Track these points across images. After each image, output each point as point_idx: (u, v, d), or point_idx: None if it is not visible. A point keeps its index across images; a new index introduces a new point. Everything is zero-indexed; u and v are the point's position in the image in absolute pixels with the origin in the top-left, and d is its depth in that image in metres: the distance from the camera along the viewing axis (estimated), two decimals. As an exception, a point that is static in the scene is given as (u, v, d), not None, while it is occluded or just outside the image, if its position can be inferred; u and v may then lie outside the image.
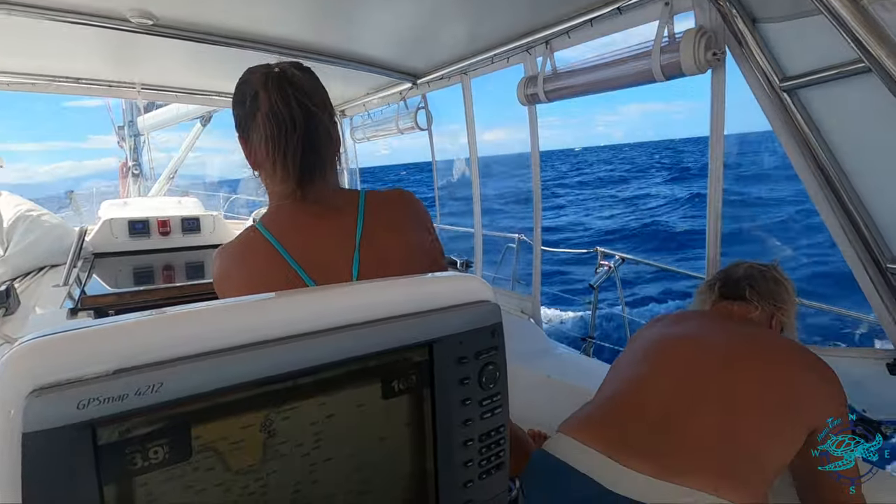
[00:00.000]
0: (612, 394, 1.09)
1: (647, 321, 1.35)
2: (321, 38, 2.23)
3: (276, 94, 0.83)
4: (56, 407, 0.32)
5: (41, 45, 2.27)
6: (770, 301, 1.21)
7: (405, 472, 0.51)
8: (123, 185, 4.98)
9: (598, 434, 0.98)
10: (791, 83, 1.28)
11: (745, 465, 0.90)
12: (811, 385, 0.99)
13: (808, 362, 1.03)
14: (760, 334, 1.14)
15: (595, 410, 1.07)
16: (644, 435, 0.95)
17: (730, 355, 1.05)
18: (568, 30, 1.85)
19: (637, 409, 1.01)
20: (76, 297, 1.90)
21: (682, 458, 0.90)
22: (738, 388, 0.98)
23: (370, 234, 0.88)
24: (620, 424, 1.00)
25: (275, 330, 0.43)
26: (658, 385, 1.04)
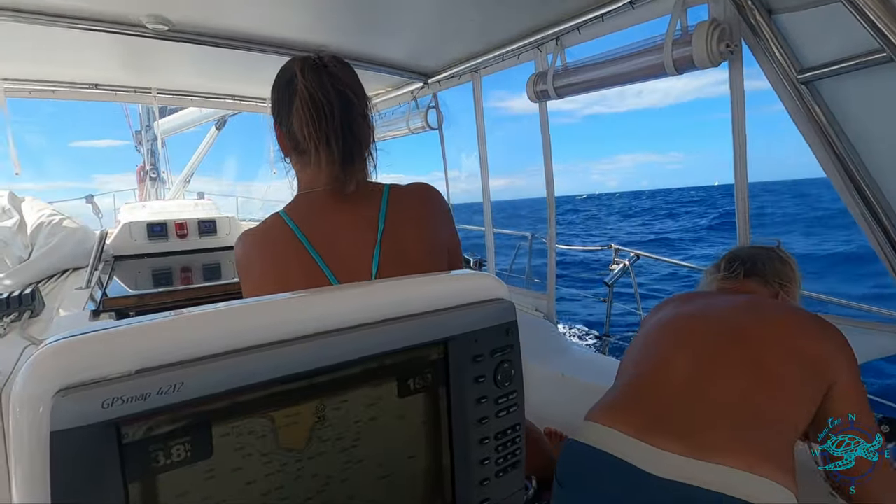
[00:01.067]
0: (632, 377, 1.09)
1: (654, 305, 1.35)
2: (333, 40, 2.24)
3: (313, 80, 0.85)
4: (82, 406, 0.33)
5: (60, 53, 2.33)
6: (776, 279, 1.23)
7: (422, 469, 0.51)
8: (141, 189, 5.08)
9: (626, 418, 0.98)
10: (809, 74, 1.26)
11: (773, 436, 0.90)
12: (812, 336, 1.01)
13: (806, 315, 1.06)
14: (764, 301, 1.16)
15: (618, 396, 1.07)
16: (668, 413, 0.96)
17: (743, 325, 1.06)
18: (579, 25, 1.84)
19: (659, 388, 1.01)
20: (98, 299, 1.94)
21: (712, 435, 0.90)
22: (755, 357, 0.98)
23: (392, 228, 0.89)
24: (645, 405, 1.00)
25: (291, 329, 0.43)
26: (676, 362, 1.04)
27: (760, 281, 1.23)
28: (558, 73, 1.95)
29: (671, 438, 0.91)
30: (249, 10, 1.87)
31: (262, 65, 2.47)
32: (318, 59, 0.88)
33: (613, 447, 0.95)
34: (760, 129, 44.54)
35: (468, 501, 0.53)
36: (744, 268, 1.25)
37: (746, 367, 0.97)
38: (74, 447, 0.33)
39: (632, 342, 1.24)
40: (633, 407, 1.01)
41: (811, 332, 1.02)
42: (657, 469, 0.88)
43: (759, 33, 1.32)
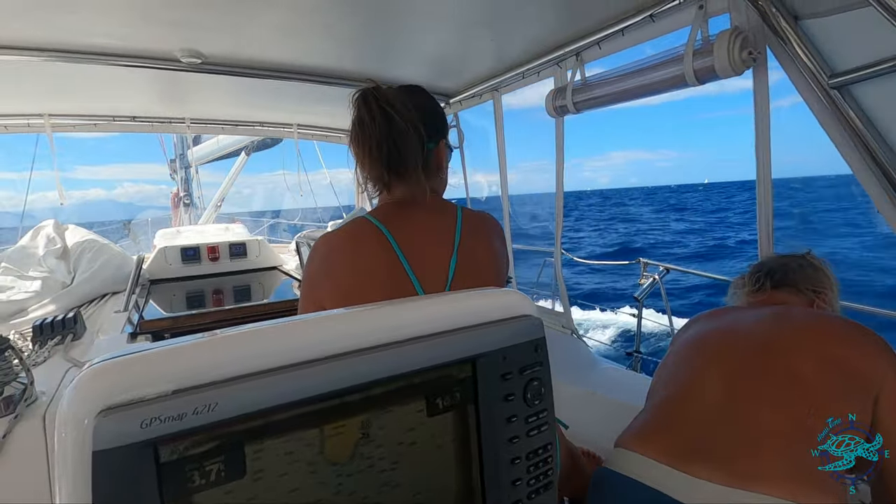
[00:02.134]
0: (662, 400, 1.05)
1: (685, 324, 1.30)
2: (357, 66, 2.31)
3: (362, 106, 0.94)
4: (123, 426, 0.34)
5: (101, 89, 2.46)
6: (808, 286, 1.17)
7: (452, 490, 0.50)
8: (176, 215, 5.27)
9: (659, 444, 0.94)
10: (841, 79, 1.22)
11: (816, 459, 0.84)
12: (861, 349, 0.94)
13: (852, 328, 0.99)
14: (797, 311, 1.10)
15: (649, 420, 1.03)
16: (703, 437, 0.91)
17: (773, 336, 1.00)
18: (599, 41, 1.84)
19: (691, 410, 0.97)
20: (135, 321, 2.01)
21: (751, 461, 0.85)
22: (790, 372, 0.93)
23: (467, 242, 0.99)
24: (678, 430, 0.95)
25: (320, 349, 0.44)
26: (707, 382, 0.99)
27: (792, 290, 1.17)
28: (577, 88, 1.95)
29: (708, 466, 0.86)
30: (276, 41, 1.95)
31: (288, 92, 2.55)
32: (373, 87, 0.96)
33: (647, 476, 0.91)
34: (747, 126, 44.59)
35: (500, 524, 0.52)
36: (772, 279, 1.19)
37: (782, 381, 0.92)
38: (115, 466, 0.34)
39: (661, 362, 1.20)
40: (666, 432, 0.96)
41: (847, 337, 0.96)
42: (694, 499, 0.84)
43: (785, 40, 1.30)
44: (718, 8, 1.46)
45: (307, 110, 3.41)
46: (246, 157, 5.31)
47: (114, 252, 2.81)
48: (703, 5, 1.48)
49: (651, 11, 1.60)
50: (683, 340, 1.17)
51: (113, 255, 2.77)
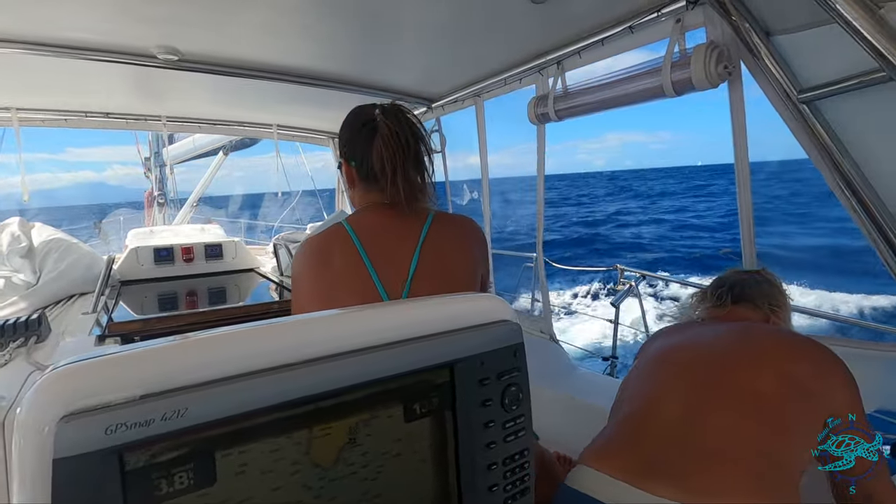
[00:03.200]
0: (625, 415, 1.07)
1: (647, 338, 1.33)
2: (339, 67, 2.29)
3: (394, 122, 1.01)
4: (85, 432, 0.33)
5: (73, 83, 2.39)
6: (766, 302, 1.21)
7: (428, 496, 0.50)
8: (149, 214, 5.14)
9: (618, 461, 0.95)
10: (809, 94, 1.27)
11: (770, 469, 0.86)
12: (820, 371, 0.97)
13: (798, 339, 1.03)
14: (754, 327, 1.14)
15: (611, 436, 1.04)
16: (662, 453, 0.92)
17: (729, 354, 1.04)
18: (579, 50, 1.87)
19: (650, 426, 0.98)
20: (104, 323, 1.95)
21: (704, 475, 0.87)
22: (748, 388, 0.96)
23: (432, 240, 1.04)
24: (637, 447, 0.97)
25: (295, 354, 0.43)
26: (667, 397, 1.01)
27: (750, 306, 1.21)
28: (559, 97, 1.98)
29: (665, 482, 0.87)
30: (257, 40, 1.92)
31: (268, 91, 2.52)
32: (393, 105, 1.06)
33: (605, 494, 0.91)
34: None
35: (476, 530, 0.52)
36: (731, 294, 1.23)
37: (741, 398, 0.95)
38: (77, 475, 0.33)
39: (626, 377, 1.21)
40: (626, 448, 0.98)
41: (803, 354, 1.00)
42: None
43: (757, 55, 1.34)
44: (695, 22, 1.50)
45: (288, 111, 3.38)
46: (224, 157, 5.22)
47: (82, 251, 2.72)
48: (680, 19, 1.51)
49: (630, 23, 1.63)
50: (647, 355, 1.19)
51: (82, 255, 2.68)
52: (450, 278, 1.04)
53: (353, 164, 1.07)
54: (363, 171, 1.05)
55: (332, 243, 1.02)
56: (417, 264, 1.00)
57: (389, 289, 0.99)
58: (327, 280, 1.01)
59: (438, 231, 1.05)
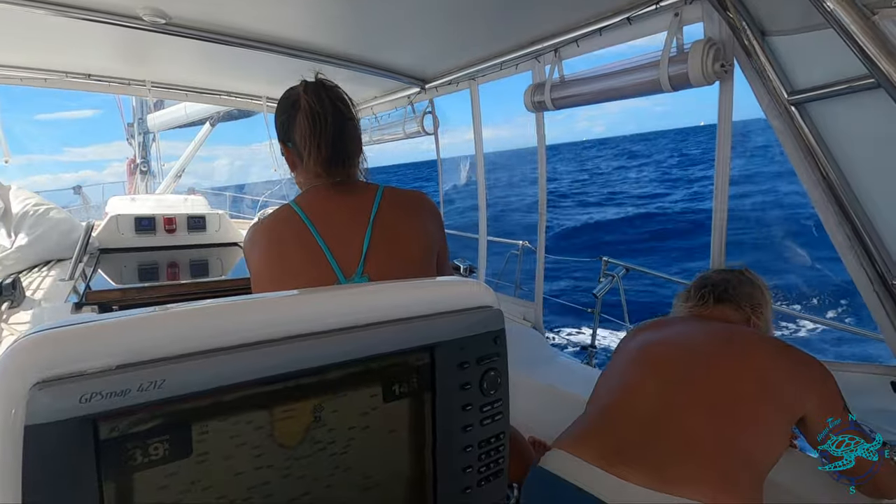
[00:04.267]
0: (602, 405, 1.10)
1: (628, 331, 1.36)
2: (332, 42, 2.24)
3: (313, 97, 1.02)
4: (59, 400, 0.32)
5: (54, 41, 2.30)
6: (747, 303, 1.23)
7: (404, 476, 0.51)
8: (131, 182, 5.03)
9: (592, 447, 0.98)
10: (799, 97, 1.28)
11: (738, 466, 0.90)
12: (784, 370, 1.00)
13: (779, 349, 1.06)
14: (737, 331, 1.16)
15: (587, 423, 1.07)
16: (636, 443, 0.95)
17: (711, 354, 1.07)
18: (577, 38, 1.86)
19: (627, 416, 1.01)
20: (81, 291, 1.91)
21: (676, 467, 0.90)
22: (719, 387, 0.99)
23: (384, 216, 1.03)
24: (612, 434, 1.00)
25: (276, 330, 0.43)
26: (645, 390, 1.04)
27: (732, 306, 1.23)
28: (556, 85, 1.97)
29: (637, 469, 0.90)
30: (249, 7, 1.87)
31: (259, 62, 2.46)
32: (317, 80, 1.05)
33: (576, 476, 0.94)
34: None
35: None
36: (714, 293, 1.25)
37: (716, 397, 0.98)
38: (49, 443, 0.32)
39: (606, 368, 1.24)
40: (600, 435, 1.00)
41: (771, 356, 1.03)
42: (619, 500, 0.87)
43: (751, 54, 1.35)
44: (693, 17, 1.50)
45: (278, 83, 3.29)
46: (211, 128, 5.10)
47: (60, 217, 2.65)
48: (678, 13, 1.51)
49: (628, 14, 1.62)
50: (628, 350, 1.21)
51: (59, 220, 2.61)
52: (404, 254, 1.03)
53: (290, 145, 1.07)
54: (295, 149, 1.06)
55: (283, 226, 1.02)
56: (370, 241, 1.00)
57: (345, 267, 0.98)
58: (283, 263, 0.99)
59: (389, 206, 1.05)
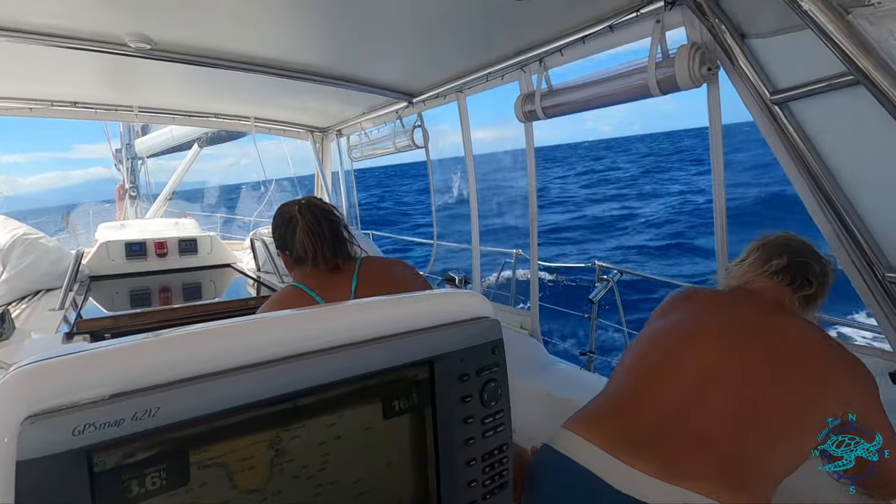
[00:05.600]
0: (618, 388, 1.06)
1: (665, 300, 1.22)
2: (317, 60, 2.26)
3: (309, 215, 1.28)
4: (51, 434, 0.32)
5: (40, 70, 2.30)
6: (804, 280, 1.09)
7: (407, 493, 0.50)
8: (120, 207, 4.98)
9: (602, 431, 0.96)
10: (781, 96, 1.30)
11: (751, 468, 0.88)
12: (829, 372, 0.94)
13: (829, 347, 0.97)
14: (787, 323, 1.03)
15: (600, 405, 1.05)
16: (649, 433, 0.94)
17: (748, 351, 0.98)
18: (561, 48, 1.88)
19: (644, 406, 0.99)
20: (72, 320, 1.88)
21: (685, 461, 0.88)
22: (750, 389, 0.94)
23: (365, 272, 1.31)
24: (625, 420, 0.98)
25: (273, 351, 0.42)
26: (668, 382, 1.00)
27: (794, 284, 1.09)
28: (545, 94, 1.99)
29: (646, 459, 0.89)
30: (234, 30, 1.88)
31: (246, 83, 2.47)
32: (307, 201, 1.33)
33: (584, 458, 0.93)
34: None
35: (455, 526, 0.52)
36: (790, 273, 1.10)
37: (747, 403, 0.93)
38: (42, 477, 0.31)
39: (635, 339, 1.17)
40: (614, 421, 0.99)
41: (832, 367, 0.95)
42: (625, 486, 0.87)
43: (732, 56, 1.37)
44: (674, 21, 1.52)
45: (266, 103, 3.31)
46: (199, 150, 5.09)
47: (49, 246, 2.62)
48: (659, 19, 1.54)
49: (610, 22, 1.65)
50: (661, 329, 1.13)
51: (48, 250, 2.58)
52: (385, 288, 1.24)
53: (287, 252, 1.33)
54: (294, 256, 1.30)
55: (291, 299, 1.25)
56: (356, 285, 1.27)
57: None
58: None
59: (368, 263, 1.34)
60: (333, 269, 1.29)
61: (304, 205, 1.31)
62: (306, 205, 1.31)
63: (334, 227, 1.32)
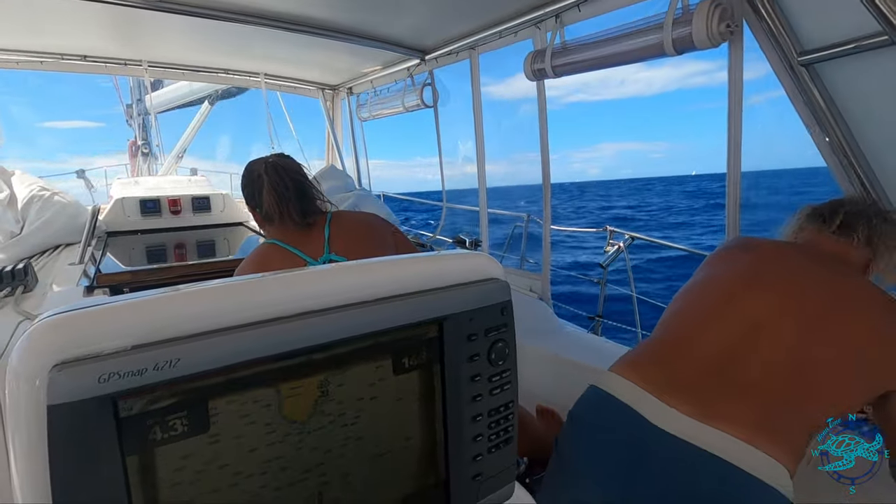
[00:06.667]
0: (665, 333, 1.08)
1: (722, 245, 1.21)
2: (329, 14, 2.19)
3: (273, 175, 1.32)
4: (78, 381, 0.33)
5: (48, 23, 2.26)
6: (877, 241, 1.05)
7: (415, 446, 0.52)
8: (133, 164, 5.01)
9: (647, 375, 1.00)
10: (809, 57, 1.25)
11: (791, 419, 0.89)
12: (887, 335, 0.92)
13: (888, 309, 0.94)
14: (850, 284, 1.00)
15: (646, 351, 1.08)
16: (693, 377, 0.97)
17: (806, 307, 0.96)
18: (579, 3, 1.81)
19: (692, 349, 1.01)
20: (91, 274, 1.93)
21: (724, 405, 0.91)
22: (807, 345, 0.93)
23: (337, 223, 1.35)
24: (670, 366, 1.00)
25: (287, 307, 0.43)
26: (719, 326, 1.00)
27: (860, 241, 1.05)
28: (557, 52, 1.92)
29: (686, 401, 0.93)
30: (242, -19, 1.82)
31: (256, 38, 2.42)
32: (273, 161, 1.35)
33: (627, 396, 0.98)
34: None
35: (461, 477, 0.54)
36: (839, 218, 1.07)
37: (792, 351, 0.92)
38: (71, 421, 0.33)
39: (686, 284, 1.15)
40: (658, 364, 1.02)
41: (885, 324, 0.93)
42: (663, 424, 0.92)
43: (761, 14, 1.31)
44: (700, -25, 1.44)
45: (276, 59, 3.25)
46: (210, 107, 5.04)
47: (66, 201, 2.66)
48: (684, -28, 1.46)
49: (633, -25, 1.57)
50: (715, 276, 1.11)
51: (65, 205, 2.62)
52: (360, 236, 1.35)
53: (257, 210, 1.37)
54: (263, 214, 1.34)
55: (268, 255, 1.30)
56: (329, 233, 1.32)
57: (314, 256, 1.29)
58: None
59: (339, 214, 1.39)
60: (304, 228, 1.33)
61: (271, 164, 1.33)
62: (272, 164, 1.33)
63: (300, 185, 1.34)
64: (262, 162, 1.35)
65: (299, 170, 1.38)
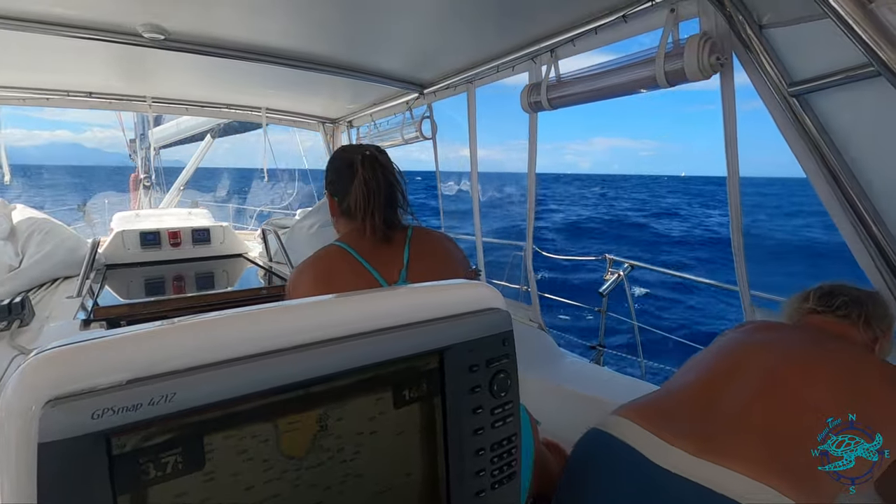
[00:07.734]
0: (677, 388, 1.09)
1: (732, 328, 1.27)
2: (330, 51, 2.25)
3: (369, 170, 1.17)
4: (71, 417, 0.33)
5: (55, 62, 2.32)
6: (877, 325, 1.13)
7: (417, 481, 0.50)
8: (135, 197, 5.05)
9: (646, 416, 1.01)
10: (799, 88, 1.28)
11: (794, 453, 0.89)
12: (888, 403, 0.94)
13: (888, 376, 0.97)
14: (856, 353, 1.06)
15: (654, 401, 1.08)
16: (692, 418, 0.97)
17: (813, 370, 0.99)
18: (573, 38, 1.86)
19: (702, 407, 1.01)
20: (89, 307, 1.92)
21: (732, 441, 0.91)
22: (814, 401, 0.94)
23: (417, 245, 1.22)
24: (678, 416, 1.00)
25: (284, 340, 0.43)
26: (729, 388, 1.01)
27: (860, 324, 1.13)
28: (552, 85, 1.97)
29: (685, 439, 0.93)
30: (246, 20, 1.88)
31: (257, 74, 2.48)
32: (371, 153, 1.20)
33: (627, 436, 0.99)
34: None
35: (463, 514, 0.52)
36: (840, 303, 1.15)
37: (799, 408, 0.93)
38: (63, 459, 0.32)
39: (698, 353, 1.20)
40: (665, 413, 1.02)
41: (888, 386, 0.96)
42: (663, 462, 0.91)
43: (749, 47, 1.34)
44: (689, 12, 1.49)
45: (278, 94, 3.32)
46: (212, 141, 5.12)
47: (66, 234, 2.67)
48: (674, 9, 1.51)
49: (623, 12, 1.62)
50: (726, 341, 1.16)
51: (65, 238, 2.63)
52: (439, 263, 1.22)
53: (336, 198, 1.24)
54: (343, 206, 1.21)
55: (334, 261, 1.15)
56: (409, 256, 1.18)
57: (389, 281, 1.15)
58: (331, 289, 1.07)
59: (419, 234, 1.24)
60: (383, 240, 1.19)
61: (368, 156, 1.18)
62: (370, 157, 1.18)
63: (392, 190, 1.21)
64: (358, 151, 1.20)
65: (395, 171, 1.23)
